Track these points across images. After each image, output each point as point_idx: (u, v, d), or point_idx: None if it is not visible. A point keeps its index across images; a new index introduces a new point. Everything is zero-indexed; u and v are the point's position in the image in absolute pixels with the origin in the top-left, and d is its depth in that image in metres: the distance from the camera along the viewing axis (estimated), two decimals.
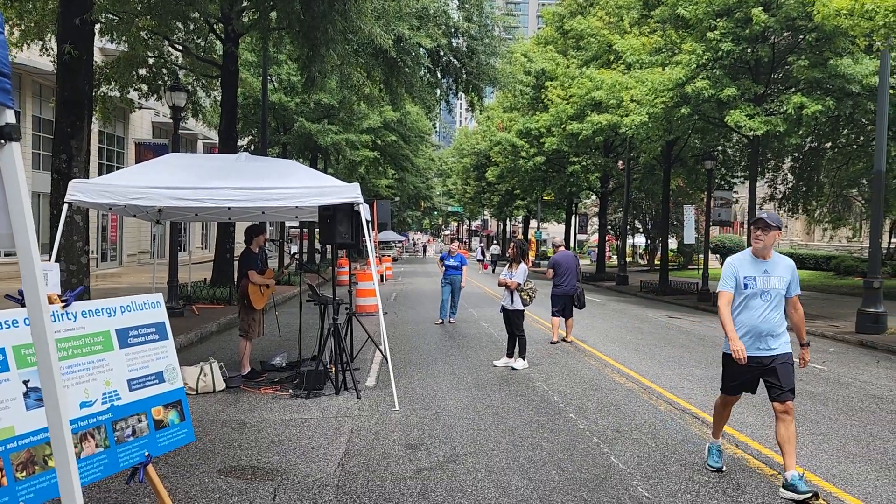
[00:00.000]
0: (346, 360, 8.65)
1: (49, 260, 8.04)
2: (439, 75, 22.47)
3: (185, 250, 39.12)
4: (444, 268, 15.85)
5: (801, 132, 18.46)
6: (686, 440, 6.62)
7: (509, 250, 10.52)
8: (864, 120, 18.98)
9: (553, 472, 5.59)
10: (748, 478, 5.57)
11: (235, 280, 10.45)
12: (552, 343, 12.62)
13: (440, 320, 15.60)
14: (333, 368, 8.66)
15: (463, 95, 23.50)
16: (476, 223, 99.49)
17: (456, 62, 22.11)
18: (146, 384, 3.13)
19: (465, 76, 22.21)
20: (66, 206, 7.77)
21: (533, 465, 5.77)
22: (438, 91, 23.07)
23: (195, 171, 8.17)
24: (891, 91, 15.08)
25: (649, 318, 17.92)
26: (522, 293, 10.19)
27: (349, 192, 8.15)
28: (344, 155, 32.56)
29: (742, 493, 5.23)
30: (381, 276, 30.98)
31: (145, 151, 24.53)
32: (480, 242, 64.82)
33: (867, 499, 5.18)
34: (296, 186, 8.07)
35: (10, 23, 15.30)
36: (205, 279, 21.04)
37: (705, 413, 7.67)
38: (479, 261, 49.87)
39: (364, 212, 8.79)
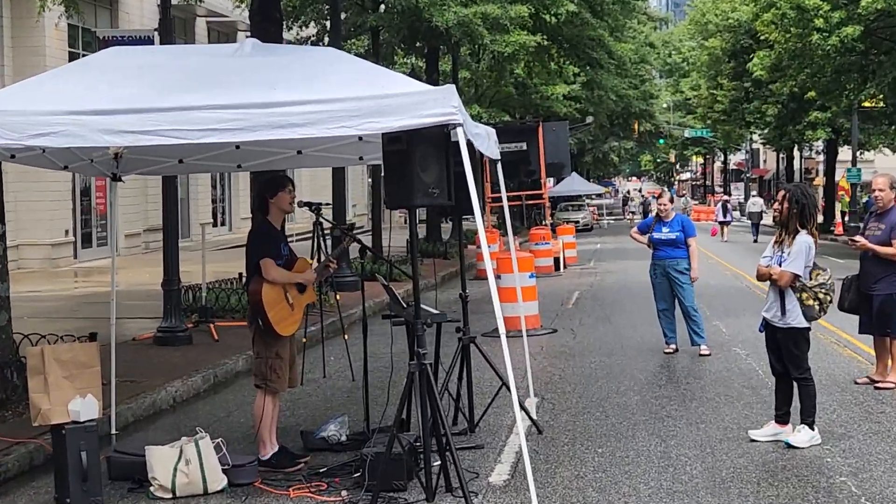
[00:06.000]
0: (445, 431, 4.52)
1: None
2: None
3: (223, 224, 25.73)
4: (650, 244, 8.69)
5: None
6: None
7: (776, 203, 5.50)
8: None
9: None
10: None
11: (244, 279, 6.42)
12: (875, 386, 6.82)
13: (670, 347, 8.59)
14: (425, 449, 4.55)
15: None
16: (735, 159, 61.90)
17: None
18: None
19: None
20: None
21: None
22: None
23: (153, 77, 4.37)
24: None
25: None
26: (804, 295, 5.19)
27: (434, 105, 4.00)
28: (481, 44, 18.70)
29: None
30: (557, 259, 18.89)
31: None
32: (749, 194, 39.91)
33: None
34: (333, 98, 4.06)
35: None
36: (239, 274, 11.36)
37: None
38: (719, 223, 28.62)
39: (478, 143, 4.66)
